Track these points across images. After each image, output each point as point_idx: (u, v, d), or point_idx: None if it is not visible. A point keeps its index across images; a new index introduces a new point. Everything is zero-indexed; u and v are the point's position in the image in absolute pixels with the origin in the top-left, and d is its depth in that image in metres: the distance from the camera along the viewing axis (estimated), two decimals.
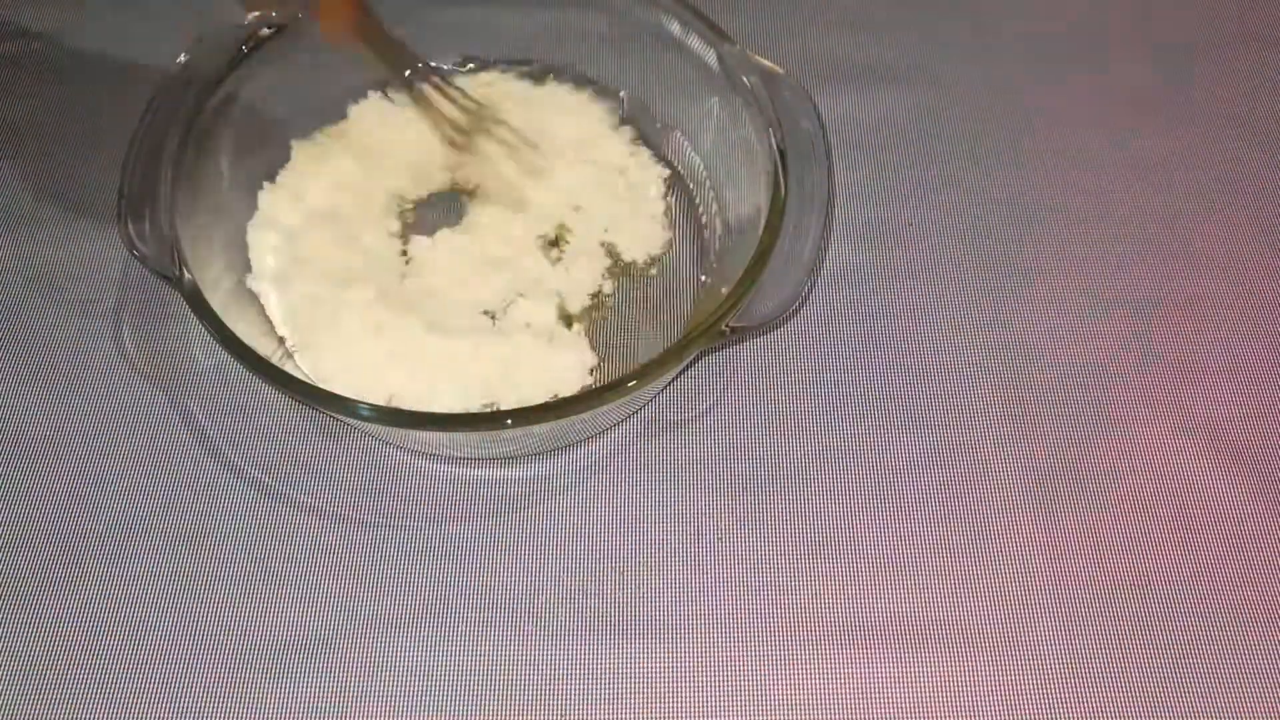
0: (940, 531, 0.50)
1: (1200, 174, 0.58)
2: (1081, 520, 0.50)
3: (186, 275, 0.46)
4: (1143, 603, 0.48)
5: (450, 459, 0.51)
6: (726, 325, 0.45)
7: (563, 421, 0.45)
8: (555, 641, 0.47)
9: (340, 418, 0.49)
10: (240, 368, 0.44)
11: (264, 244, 0.53)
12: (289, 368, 0.49)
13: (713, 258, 0.55)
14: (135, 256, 0.47)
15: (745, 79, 0.51)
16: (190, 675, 0.47)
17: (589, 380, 0.52)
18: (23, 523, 0.49)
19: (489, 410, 0.50)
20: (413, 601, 0.48)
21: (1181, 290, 0.55)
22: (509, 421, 0.44)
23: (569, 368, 0.52)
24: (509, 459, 0.51)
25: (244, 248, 0.53)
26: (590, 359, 0.52)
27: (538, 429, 0.46)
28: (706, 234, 0.56)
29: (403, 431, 0.48)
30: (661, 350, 0.46)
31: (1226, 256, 0.56)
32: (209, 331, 0.45)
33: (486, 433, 0.45)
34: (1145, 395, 0.53)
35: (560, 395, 0.50)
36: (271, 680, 0.46)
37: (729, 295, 0.46)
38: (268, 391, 0.51)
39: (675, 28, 0.53)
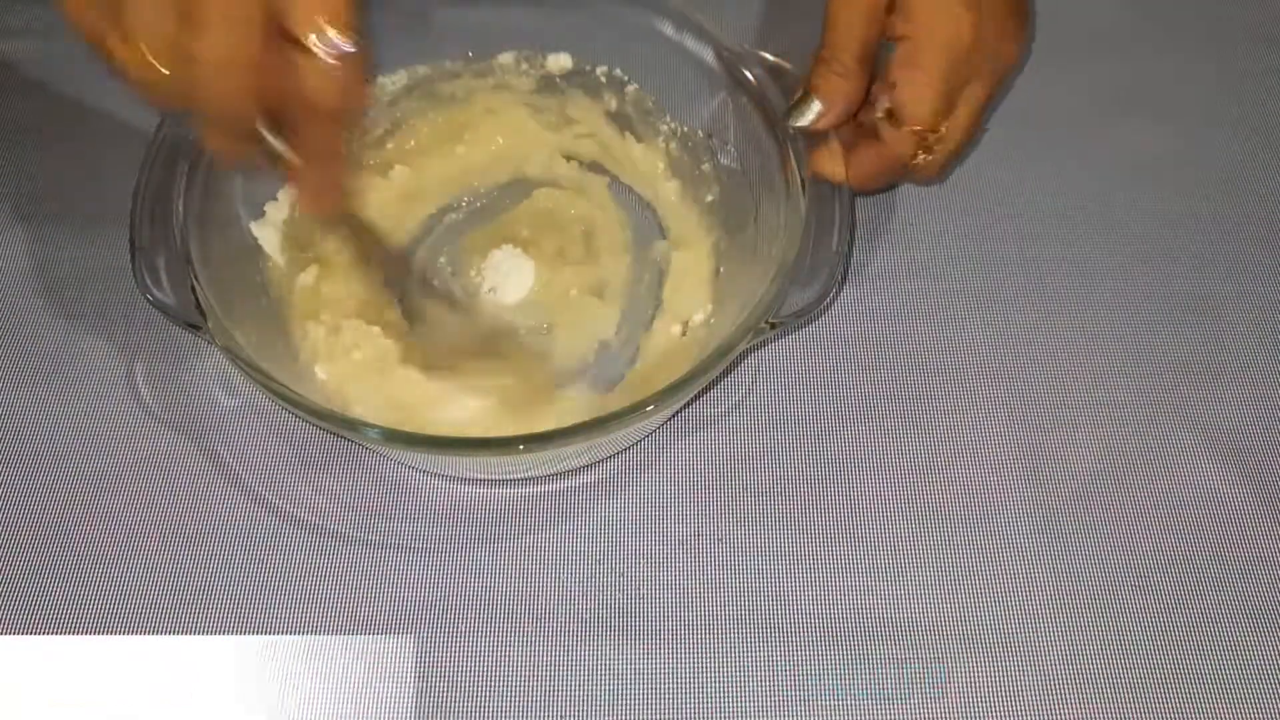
0: (940, 532, 0.50)
1: (1200, 174, 0.58)
2: (1081, 520, 0.50)
3: (213, 323, 0.44)
4: (1143, 602, 0.48)
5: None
6: (766, 321, 0.45)
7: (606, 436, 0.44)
8: (555, 642, 0.47)
9: (356, 440, 0.49)
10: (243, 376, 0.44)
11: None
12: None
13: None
14: (153, 304, 0.45)
15: (750, 74, 0.50)
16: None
17: None
18: (33, 554, 0.48)
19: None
20: (412, 602, 0.48)
21: (1183, 290, 0.55)
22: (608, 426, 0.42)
23: None
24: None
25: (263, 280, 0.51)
26: None
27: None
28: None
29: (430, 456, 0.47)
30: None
31: (1227, 257, 0.56)
32: (252, 379, 0.43)
33: (530, 455, 0.43)
34: (1145, 395, 0.53)
35: None
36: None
37: (767, 289, 0.45)
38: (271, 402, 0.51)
39: (673, 27, 0.52)
